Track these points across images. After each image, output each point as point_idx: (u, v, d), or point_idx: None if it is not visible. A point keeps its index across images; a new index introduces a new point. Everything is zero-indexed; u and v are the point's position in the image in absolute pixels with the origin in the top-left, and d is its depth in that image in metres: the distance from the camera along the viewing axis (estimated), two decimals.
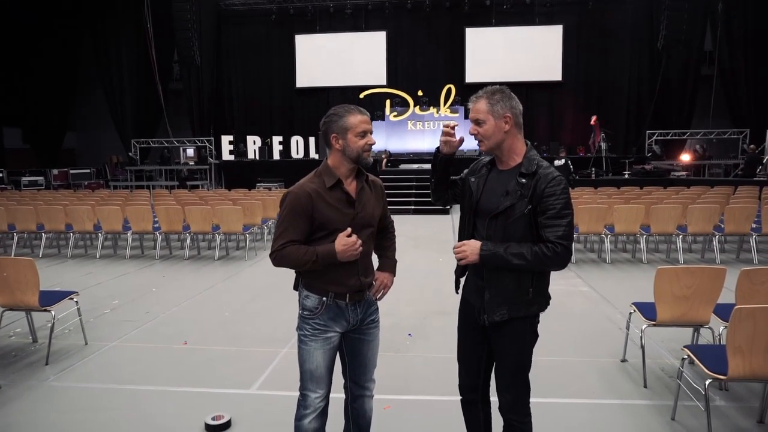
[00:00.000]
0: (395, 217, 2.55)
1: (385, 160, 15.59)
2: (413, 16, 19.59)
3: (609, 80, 19.16)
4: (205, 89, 19.70)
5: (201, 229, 7.77)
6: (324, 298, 2.10)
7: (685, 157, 16.91)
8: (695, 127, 17.86)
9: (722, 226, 7.42)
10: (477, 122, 2.06)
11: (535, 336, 2.11)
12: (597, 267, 7.05)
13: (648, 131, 17.53)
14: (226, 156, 18.21)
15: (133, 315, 5.03)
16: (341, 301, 2.12)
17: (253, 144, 18.30)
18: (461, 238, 2.16)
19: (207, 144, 18.84)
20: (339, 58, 19.79)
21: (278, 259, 2.05)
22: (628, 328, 3.81)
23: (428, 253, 7.87)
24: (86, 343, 4.24)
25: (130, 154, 19.25)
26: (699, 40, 17.64)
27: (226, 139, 18.38)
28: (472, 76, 19.02)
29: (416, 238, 9.32)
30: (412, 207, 13.13)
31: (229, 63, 20.89)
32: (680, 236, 7.29)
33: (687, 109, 18.04)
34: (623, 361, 3.79)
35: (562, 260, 1.94)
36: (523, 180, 1.98)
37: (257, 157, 18.07)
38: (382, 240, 2.39)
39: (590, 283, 6.15)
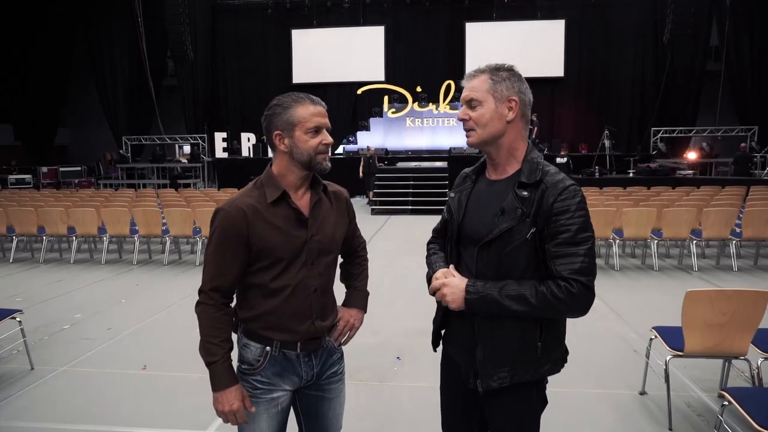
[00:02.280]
0: (391, 218, 2.03)
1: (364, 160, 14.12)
2: (412, 10, 19.09)
3: (612, 76, 18.64)
4: (200, 85, 19.20)
5: (181, 232, 7.28)
6: (267, 348, 1.59)
7: (691, 155, 16.40)
8: (701, 124, 17.35)
9: (737, 230, 6.93)
10: (470, 104, 1.50)
11: (544, 402, 1.58)
12: (604, 274, 6.55)
13: (653, 128, 17.01)
14: (220, 153, 17.71)
15: (93, 332, 4.54)
16: (290, 351, 1.61)
17: (248, 141, 17.80)
18: None
19: (200, 141, 18.34)
20: (336, 54, 19.28)
21: (198, 311, 1.57)
22: (648, 356, 3.30)
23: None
24: (32, 368, 3.75)
25: (121, 151, 18.77)
26: (705, 34, 17.12)
27: (219, 136, 17.88)
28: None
29: (412, 241, 8.80)
30: (409, 207, 12.62)
31: (224, 58, 20.41)
32: (694, 241, 6.79)
33: (692, 105, 17.54)
34: (642, 393, 3.28)
35: (580, 304, 1.39)
36: (525, 192, 1.42)
37: (251, 155, 17.57)
38: (350, 266, 1.88)
39: (598, 293, 5.61)
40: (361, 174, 13.85)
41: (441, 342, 1.74)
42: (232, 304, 1.63)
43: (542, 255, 1.43)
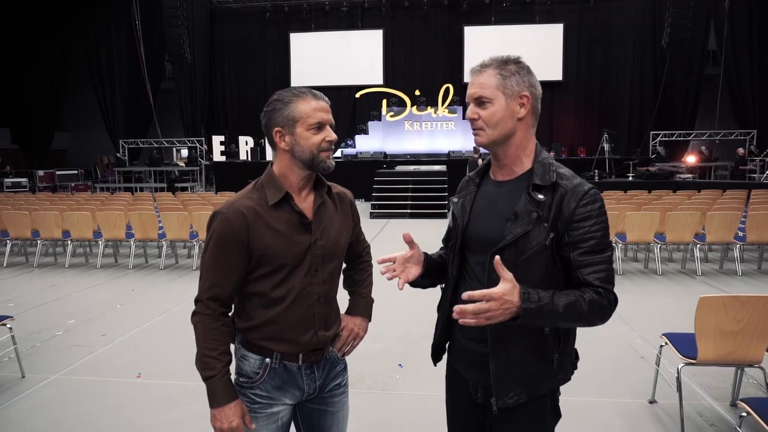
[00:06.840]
0: (390, 222, 1.92)
1: None
2: (411, 14, 19.08)
3: (611, 80, 18.66)
4: (197, 88, 19.14)
5: (178, 236, 7.17)
6: (267, 360, 1.50)
7: (691, 159, 16.40)
8: (699, 127, 17.35)
9: (740, 234, 6.86)
10: (480, 102, 1.39)
11: (558, 416, 1.48)
12: None
13: (652, 132, 17.00)
14: (218, 157, 17.62)
15: (86, 338, 4.43)
16: (292, 363, 1.51)
17: (246, 144, 17.72)
18: (446, 285, 1.54)
19: (198, 144, 18.24)
20: (335, 57, 19.26)
21: (194, 321, 1.47)
22: (658, 363, 3.21)
23: None
24: (23, 376, 3.64)
25: (118, 155, 18.67)
26: (703, 39, 17.15)
27: (217, 140, 17.80)
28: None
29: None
30: (408, 211, 12.52)
31: (223, 62, 20.38)
32: (698, 245, 6.72)
33: (691, 109, 17.54)
34: (651, 402, 3.19)
35: (611, 313, 1.32)
36: (540, 196, 1.33)
37: (249, 158, 17.48)
38: (354, 272, 1.78)
39: None
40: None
41: (443, 354, 1.63)
42: (230, 313, 1.54)
43: (559, 262, 1.35)
